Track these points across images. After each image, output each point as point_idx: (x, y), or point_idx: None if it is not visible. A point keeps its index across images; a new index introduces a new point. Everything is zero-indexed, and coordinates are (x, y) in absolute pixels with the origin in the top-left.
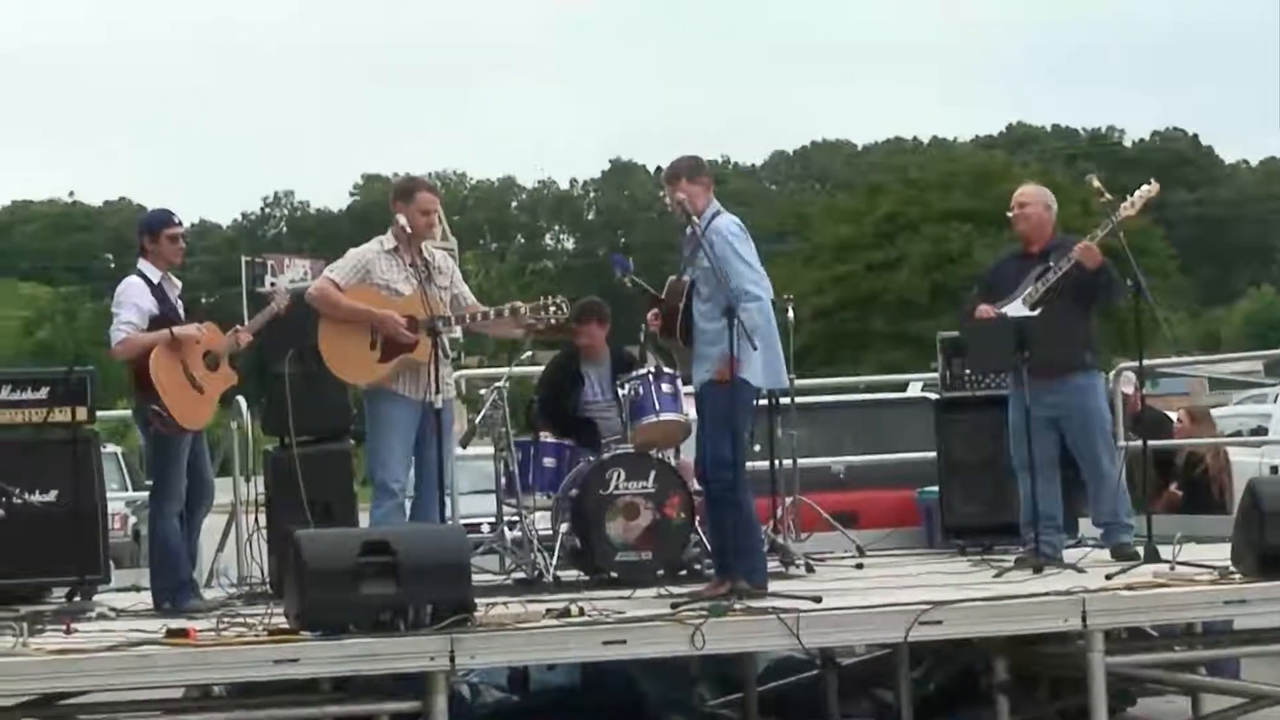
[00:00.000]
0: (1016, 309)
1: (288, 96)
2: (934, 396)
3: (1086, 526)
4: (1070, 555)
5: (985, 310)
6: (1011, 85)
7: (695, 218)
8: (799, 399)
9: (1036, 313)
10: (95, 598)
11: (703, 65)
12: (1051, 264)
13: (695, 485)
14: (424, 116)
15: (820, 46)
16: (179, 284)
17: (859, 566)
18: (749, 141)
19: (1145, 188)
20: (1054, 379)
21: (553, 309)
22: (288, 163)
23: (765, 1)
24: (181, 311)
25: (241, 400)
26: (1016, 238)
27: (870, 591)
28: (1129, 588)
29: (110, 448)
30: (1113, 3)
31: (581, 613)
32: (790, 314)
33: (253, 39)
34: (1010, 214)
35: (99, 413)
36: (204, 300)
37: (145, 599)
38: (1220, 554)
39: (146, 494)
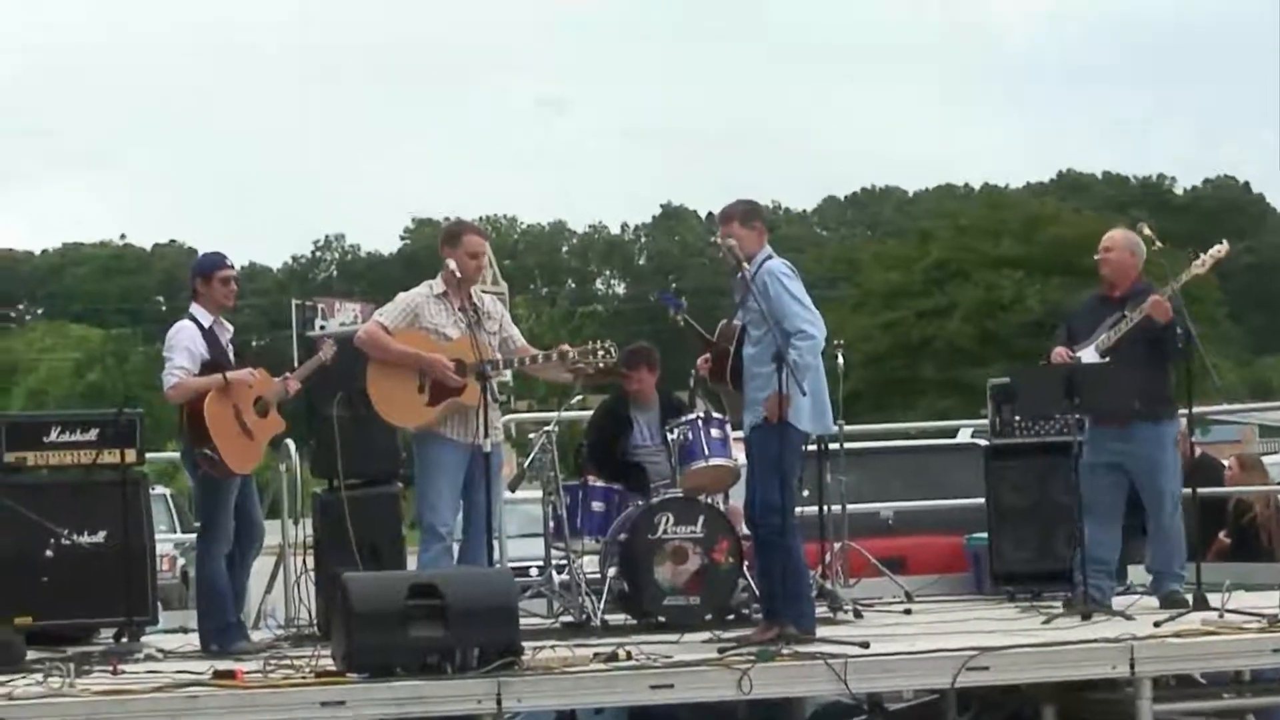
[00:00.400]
0: (1090, 355)
1: (339, 140)
2: (984, 443)
3: (1136, 573)
4: (1119, 602)
5: (1060, 353)
6: (1062, 132)
7: (745, 262)
8: (848, 444)
9: (1106, 360)
10: (143, 639)
11: (755, 112)
12: (1127, 313)
13: (744, 530)
14: (474, 160)
15: (871, 89)
16: (230, 328)
17: (907, 612)
18: (801, 187)
19: (1216, 248)
20: (1121, 427)
21: (601, 353)
22: (339, 206)
23: (819, 47)
24: (232, 356)
25: (290, 443)
26: (1073, 284)
27: (918, 637)
28: (1177, 635)
29: (159, 490)
30: (1165, 60)
31: (629, 656)
32: (840, 360)
33: (304, 85)
34: (1096, 257)
35: (148, 455)
36: (254, 343)
37: (193, 640)
38: (1269, 601)
39: (195, 536)
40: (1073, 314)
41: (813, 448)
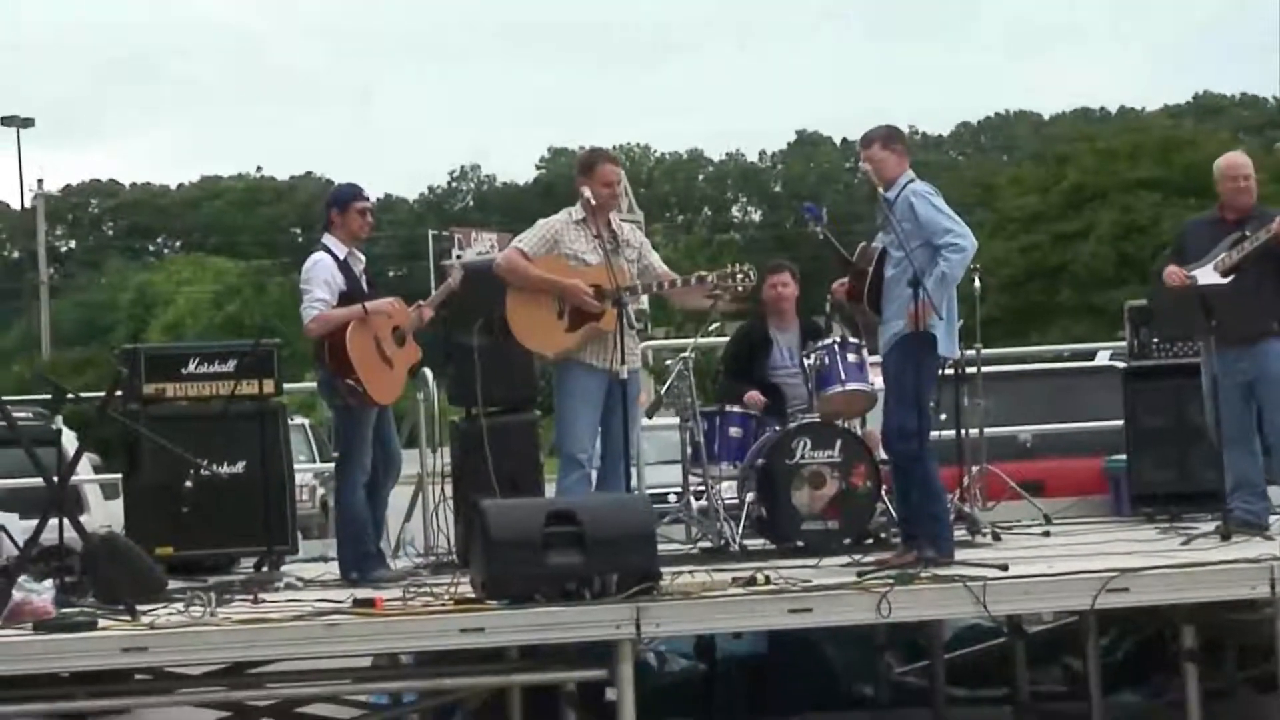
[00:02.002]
0: (1207, 274)
1: (474, 70)
2: (1122, 365)
3: (1277, 495)
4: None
5: (1174, 272)
6: (1199, 55)
7: (880, 185)
8: (986, 369)
9: (1227, 280)
10: (283, 568)
11: (888, 37)
12: (1248, 233)
13: (882, 455)
14: (610, 89)
15: (1004, 17)
16: (363, 258)
17: (1046, 535)
18: (935, 113)
19: None
20: (1246, 346)
21: (740, 276)
22: (474, 136)
23: None
24: (365, 285)
25: (428, 372)
26: (1211, 205)
27: (1057, 559)
28: None
29: (298, 420)
30: None
31: (768, 581)
32: (977, 284)
33: (439, 13)
34: (1231, 185)
35: (286, 386)
36: (390, 274)
37: (332, 569)
38: None
39: (334, 466)
40: (1184, 235)
41: (950, 372)
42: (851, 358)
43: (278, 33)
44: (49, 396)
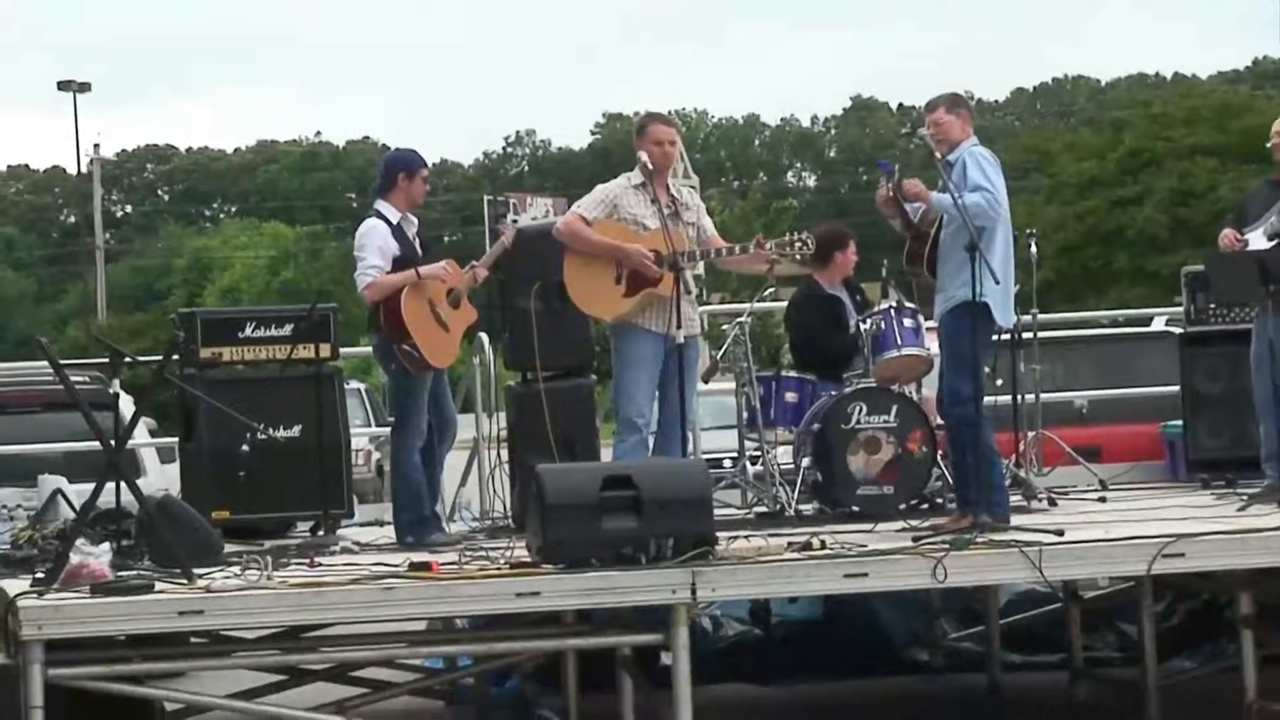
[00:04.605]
0: (1257, 239)
1: (530, 35)
2: (1178, 330)
3: None
4: None
5: (1228, 235)
6: (1258, 19)
7: (941, 149)
8: (1042, 334)
9: (1275, 243)
10: (339, 532)
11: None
12: None
13: (938, 420)
14: (666, 54)
15: None
16: (415, 221)
17: (1102, 500)
18: (991, 78)
19: None
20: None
21: (798, 244)
22: (530, 101)
23: None
24: (419, 249)
25: (484, 336)
26: (1266, 171)
27: (1112, 525)
28: None
29: (354, 384)
30: None
31: (823, 546)
32: (1034, 249)
33: None
34: (1270, 144)
35: (343, 349)
36: (446, 239)
37: (388, 533)
38: None
39: (389, 430)
40: (1246, 199)
41: (1006, 337)
42: (908, 322)
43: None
44: (106, 360)
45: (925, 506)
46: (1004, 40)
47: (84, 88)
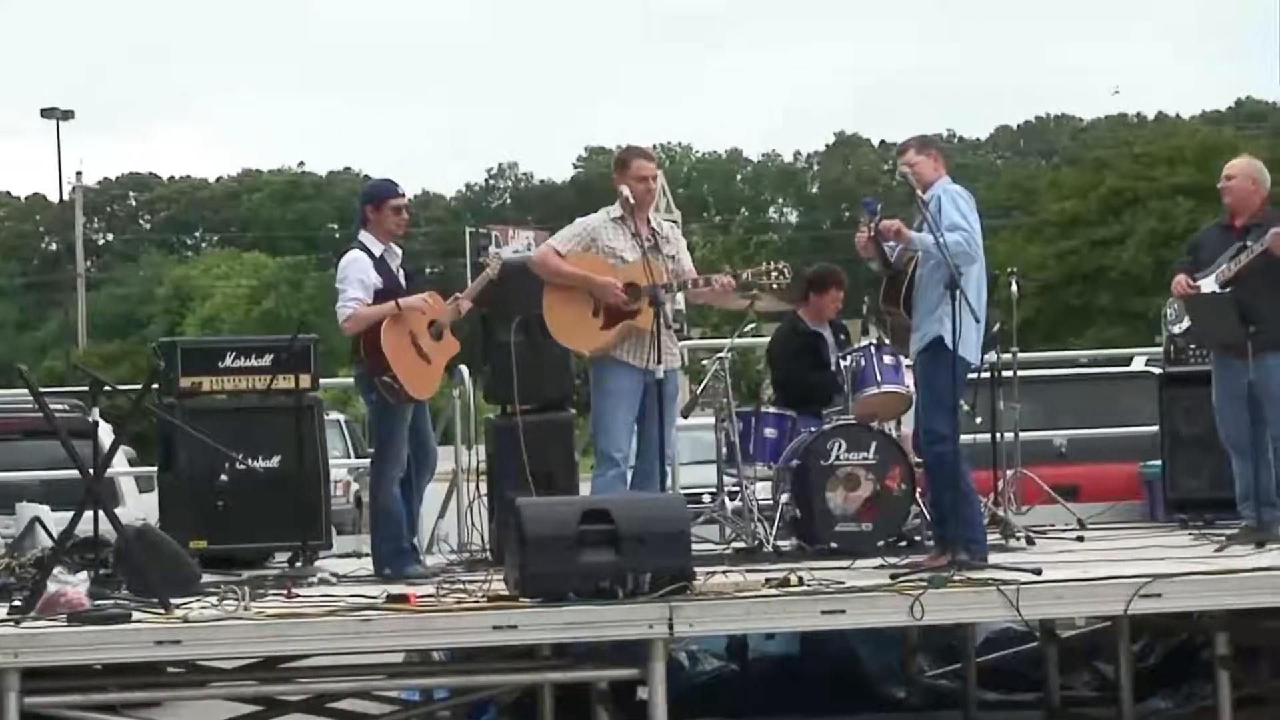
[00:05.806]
0: (1209, 285)
1: (511, 67)
2: (1157, 371)
3: None
4: None
5: (1180, 282)
6: (1240, 60)
7: (919, 187)
8: (1022, 372)
9: (1226, 291)
10: (317, 563)
11: (924, 38)
12: (1249, 243)
13: (916, 457)
14: (649, 88)
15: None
16: (399, 253)
17: (1080, 539)
18: (974, 116)
19: None
20: (1249, 358)
21: (774, 274)
22: (513, 134)
23: None
24: (403, 281)
25: (464, 369)
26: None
27: (1090, 564)
28: None
29: (334, 415)
30: None
31: (801, 582)
32: (1014, 288)
33: (476, 11)
34: (1220, 186)
35: (323, 380)
36: (429, 270)
37: (366, 565)
38: None
39: (369, 461)
40: (1197, 242)
41: (985, 375)
42: (888, 359)
43: (322, 22)
44: (85, 388)
45: (903, 544)
46: (987, 78)
47: (67, 115)
